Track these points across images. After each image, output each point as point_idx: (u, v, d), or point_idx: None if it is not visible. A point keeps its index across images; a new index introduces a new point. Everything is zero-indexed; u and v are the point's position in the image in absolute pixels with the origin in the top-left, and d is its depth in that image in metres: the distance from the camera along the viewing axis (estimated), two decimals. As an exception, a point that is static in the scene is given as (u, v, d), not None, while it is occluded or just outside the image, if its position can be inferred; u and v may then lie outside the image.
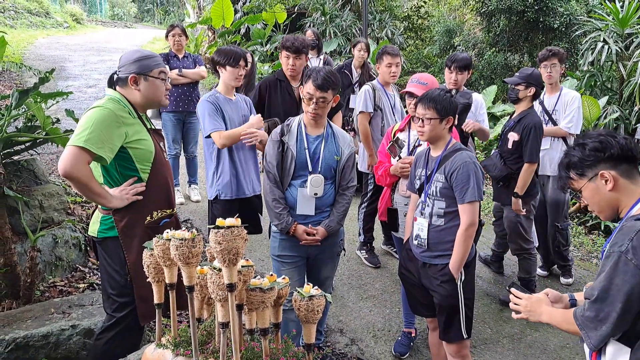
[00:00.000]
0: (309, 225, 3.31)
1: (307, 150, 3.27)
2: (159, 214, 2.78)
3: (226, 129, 3.88)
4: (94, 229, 2.93)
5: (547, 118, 5.02)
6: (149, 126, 2.96)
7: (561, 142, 4.98)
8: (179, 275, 2.21)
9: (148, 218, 2.77)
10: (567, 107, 4.94)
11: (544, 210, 5.06)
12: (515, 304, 2.25)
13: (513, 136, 4.44)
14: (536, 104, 5.10)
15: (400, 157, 3.78)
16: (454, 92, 4.72)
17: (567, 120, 4.90)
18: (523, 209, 4.46)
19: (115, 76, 2.91)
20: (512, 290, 2.28)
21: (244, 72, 4.04)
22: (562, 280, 5.17)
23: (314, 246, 3.34)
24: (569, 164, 2.01)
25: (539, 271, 5.21)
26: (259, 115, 4.03)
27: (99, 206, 2.90)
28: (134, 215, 2.80)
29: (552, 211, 5.06)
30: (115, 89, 2.89)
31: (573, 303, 2.25)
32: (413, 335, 4.07)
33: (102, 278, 3.02)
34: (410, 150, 3.76)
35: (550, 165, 4.98)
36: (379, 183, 4.04)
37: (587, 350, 1.96)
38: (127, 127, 2.76)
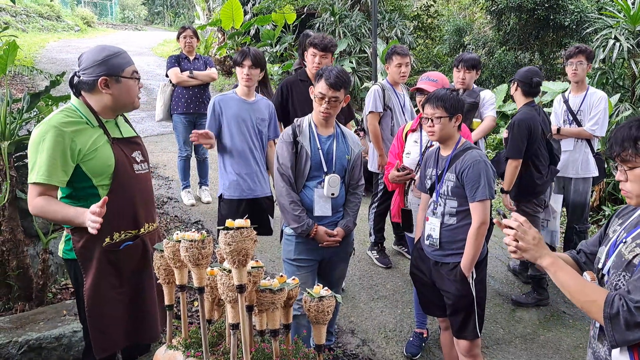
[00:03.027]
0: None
1: (320, 151, 3.25)
2: (121, 235, 2.50)
3: (229, 127, 4.03)
4: (60, 248, 2.69)
5: (572, 118, 4.92)
6: (116, 135, 2.64)
7: (584, 143, 4.89)
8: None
9: (107, 239, 2.50)
10: (593, 108, 4.82)
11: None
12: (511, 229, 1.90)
13: (504, 134, 4.48)
14: (560, 102, 5.06)
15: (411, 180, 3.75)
16: (461, 91, 4.72)
17: (593, 122, 4.79)
18: (524, 207, 4.45)
19: (76, 79, 2.55)
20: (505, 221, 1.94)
21: (251, 72, 4.03)
22: None
23: (330, 248, 3.30)
24: (638, 138, 1.81)
25: None
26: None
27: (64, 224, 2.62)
28: (91, 235, 2.43)
29: (572, 214, 5.01)
30: (80, 94, 2.57)
31: None
32: (425, 335, 4.05)
33: None
34: (422, 150, 3.75)
35: (572, 167, 4.92)
36: (384, 181, 4.04)
37: (618, 354, 1.81)
38: (80, 139, 2.46)
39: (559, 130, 4.90)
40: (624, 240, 1.85)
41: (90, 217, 2.28)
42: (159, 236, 2.84)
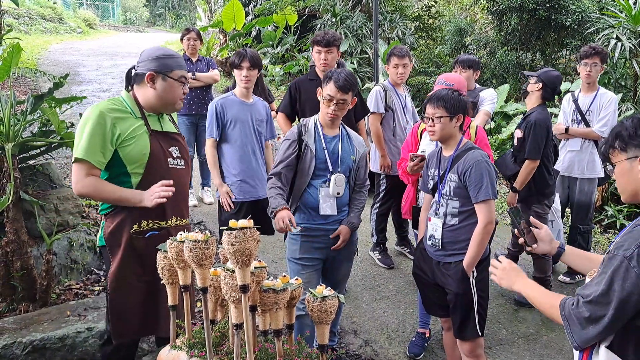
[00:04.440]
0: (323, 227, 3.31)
1: (325, 150, 3.27)
2: (148, 224, 2.54)
3: (231, 129, 4.07)
4: (98, 236, 2.85)
5: (580, 118, 4.91)
6: (156, 128, 2.78)
7: (591, 144, 4.89)
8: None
9: (135, 226, 2.58)
10: (603, 110, 4.81)
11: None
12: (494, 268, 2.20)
13: (517, 133, 4.44)
14: (569, 101, 5.06)
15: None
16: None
17: (602, 123, 4.79)
18: (536, 207, 4.44)
19: (133, 71, 2.77)
20: (493, 261, 2.23)
21: (249, 73, 4.06)
22: (561, 277, 5.11)
23: (333, 246, 3.32)
24: (618, 134, 1.88)
25: (563, 277, 5.14)
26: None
27: (100, 210, 2.80)
28: (121, 221, 2.65)
29: (577, 214, 5.01)
30: (132, 87, 2.77)
31: (560, 252, 2.23)
32: (427, 335, 4.05)
33: None
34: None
35: (578, 167, 4.92)
36: (401, 179, 4.04)
37: (576, 354, 1.88)
38: (121, 125, 2.63)
39: (567, 129, 4.90)
40: (612, 242, 1.87)
41: (156, 192, 2.54)
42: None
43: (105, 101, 2.69)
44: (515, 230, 2.31)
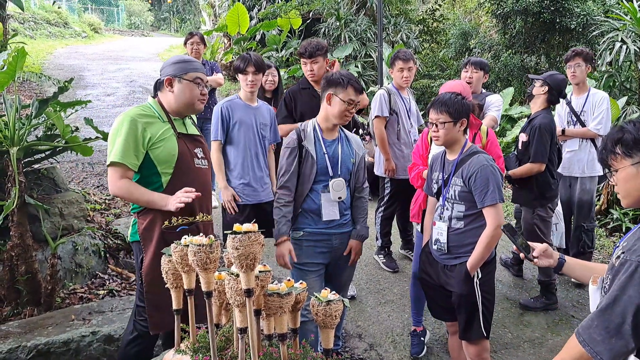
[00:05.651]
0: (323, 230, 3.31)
1: (326, 155, 3.26)
2: (179, 220, 2.70)
3: (236, 132, 4.09)
4: (128, 233, 3.03)
5: (575, 119, 4.96)
6: (182, 130, 2.96)
7: (589, 143, 4.93)
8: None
9: (166, 223, 2.70)
10: (596, 108, 4.88)
11: (570, 211, 5.04)
12: None
13: (522, 137, 4.45)
14: (563, 104, 5.08)
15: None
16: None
17: (597, 121, 4.84)
18: (540, 211, 4.43)
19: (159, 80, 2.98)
20: None
21: (255, 78, 4.09)
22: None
23: (337, 252, 3.33)
24: (620, 140, 1.83)
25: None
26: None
27: (131, 209, 2.99)
28: (153, 217, 2.82)
29: (579, 212, 5.02)
30: (156, 95, 2.98)
31: (561, 262, 2.20)
32: (420, 330, 4.01)
33: None
34: None
35: (578, 166, 4.96)
36: (412, 183, 4.03)
37: None
38: (151, 129, 2.81)
39: (563, 131, 4.92)
40: (617, 246, 1.85)
41: (178, 197, 2.70)
42: (212, 229, 3.12)
43: (134, 108, 2.89)
44: (514, 247, 2.29)
